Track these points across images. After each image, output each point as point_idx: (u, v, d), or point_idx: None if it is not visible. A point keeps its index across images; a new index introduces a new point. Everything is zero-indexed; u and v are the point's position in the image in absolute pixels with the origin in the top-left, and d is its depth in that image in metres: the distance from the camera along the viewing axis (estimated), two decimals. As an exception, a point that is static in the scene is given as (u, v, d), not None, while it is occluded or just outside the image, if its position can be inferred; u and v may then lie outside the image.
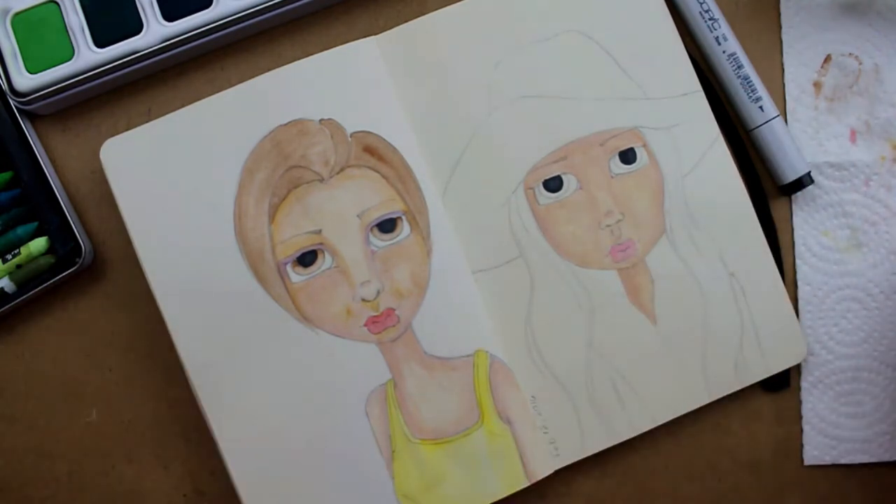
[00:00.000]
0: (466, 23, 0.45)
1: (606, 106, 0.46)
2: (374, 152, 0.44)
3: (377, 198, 0.44)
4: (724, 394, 0.45)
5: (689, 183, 0.45)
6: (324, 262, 0.44)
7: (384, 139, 0.45)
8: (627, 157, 0.46)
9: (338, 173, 0.44)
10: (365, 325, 0.44)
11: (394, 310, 0.44)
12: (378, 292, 0.44)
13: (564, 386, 0.45)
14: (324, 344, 0.44)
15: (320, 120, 0.44)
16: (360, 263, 0.44)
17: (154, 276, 0.44)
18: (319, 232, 0.44)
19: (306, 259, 0.44)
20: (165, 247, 0.44)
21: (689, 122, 0.46)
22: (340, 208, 0.44)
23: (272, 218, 0.44)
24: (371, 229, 0.44)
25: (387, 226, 0.44)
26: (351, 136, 0.44)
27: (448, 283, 0.44)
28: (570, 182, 0.45)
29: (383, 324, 0.44)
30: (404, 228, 0.44)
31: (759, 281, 0.45)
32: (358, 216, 0.44)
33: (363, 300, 0.44)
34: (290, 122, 0.44)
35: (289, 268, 0.44)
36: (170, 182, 0.44)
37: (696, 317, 0.45)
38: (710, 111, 0.46)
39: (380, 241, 0.44)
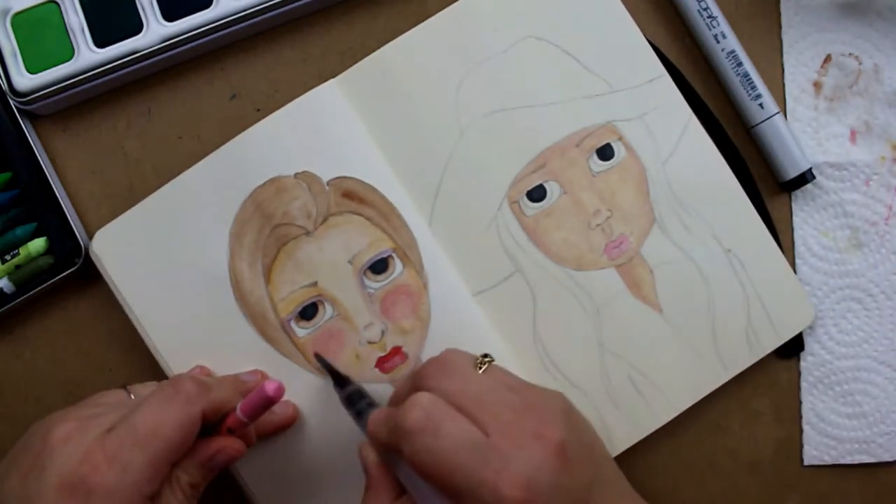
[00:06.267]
0: (422, 49, 0.45)
1: (575, 106, 0.45)
2: (354, 196, 0.44)
3: (364, 240, 0.44)
4: (741, 369, 0.45)
5: (670, 168, 0.45)
6: (325, 312, 0.44)
7: (361, 181, 0.45)
8: (605, 153, 0.45)
9: (322, 223, 0.44)
10: (375, 366, 0.44)
11: (400, 347, 0.44)
12: (382, 333, 0.44)
13: (583, 390, 0.45)
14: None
15: (296, 174, 0.44)
16: (360, 308, 0.44)
17: (167, 354, 0.44)
18: (315, 284, 0.44)
19: (308, 312, 0.44)
20: (172, 325, 0.44)
21: (660, 107, 0.45)
22: (331, 257, 0.44)
23: (267, 278, 0.44)
24: (364, 272, 0.44)
25: (379, 266, 0.44)
26: (328, 184, 0.44)
27: (450, 311, 0.44)
28: (552, 189, 0.45)
29: (393, 362, 0.44)
30: (397, 266, 0.44)
31: (756, 252, 0.45)
32: (349, 262, 0.44)
33: (369, 343, 0.44)
34: (266, 182, 0.44)
35: (293, 324, 0.44)
36: (164, 261, 0.44)
37: (700, 299, 0.45)
38: (679, 93, 0.46)
39: (374, 282, 0.44)
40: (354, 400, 0.41)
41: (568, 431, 0.36)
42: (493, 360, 0.39)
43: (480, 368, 0.38)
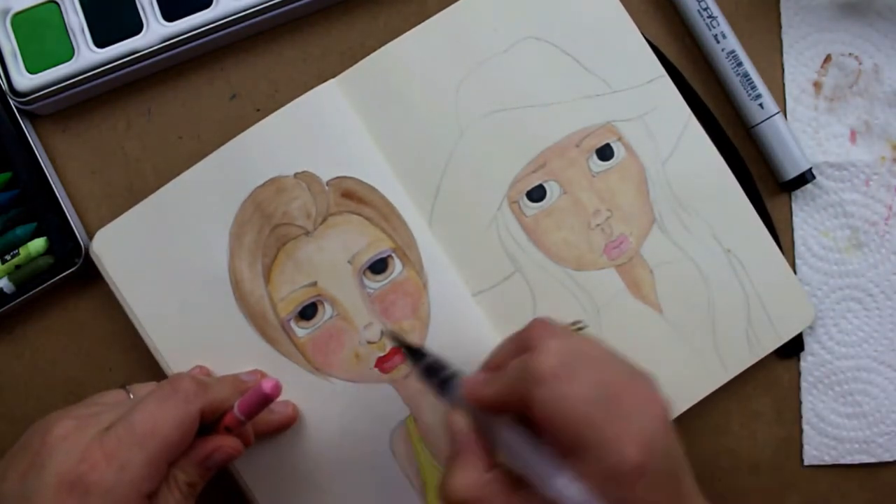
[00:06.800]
0: (422, 49, 0.45)
1: (575, 106, 0.45)
2: (353, 196, 0.44)
3: (363, 240, 0.44)
4: (741, 369, 0.45)
5: (670, 168, 0.45)
6: (325, 312, 0.44)
7: (361, 181, 0.45)
8: (605, 153, 0.45)
9: (322, 223, 0.44)
10: (375, 366, 0.44)
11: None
12: (382, 333, 0.44)
13: None
14: (339, 391, 0.44)
15: (295, 174, 0.44)
16: (360, 307, 0.44)
17: (167, 354, 0.44)
18: (315, 284, 0.44)
19: (307, 312, 0.44)
20: (172, 325, 0.44)
21: (660, 107, 0.46)
22: (330, 257, 0.44)
23: (267, 278, 0.44)
24: (364, 272, 0.44)
25: (378, 266, 0.44)
26: (327, 184, 0.44)
27: (450, 311, 0.44)
28: (552, 189, 0.45)
29: (392, 362, 0.44)
30: (396, 265, 0.44)
31: (755, 252, 0.45)
32: (349, 262, 0.44)
33: (369, 343, 0.44)
34: (266, 182, 0.44)
35: (292, 324, 0.44)
36: (164, 261, 0.44)
37: (700, 299, 0.45)
38: (678, 94, 0.46)
39: (374, 282, 0.44)
40: (435, 370, 0.39)
41: (666, 402, 0.35)
42: (587, 326, 0.38)
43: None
